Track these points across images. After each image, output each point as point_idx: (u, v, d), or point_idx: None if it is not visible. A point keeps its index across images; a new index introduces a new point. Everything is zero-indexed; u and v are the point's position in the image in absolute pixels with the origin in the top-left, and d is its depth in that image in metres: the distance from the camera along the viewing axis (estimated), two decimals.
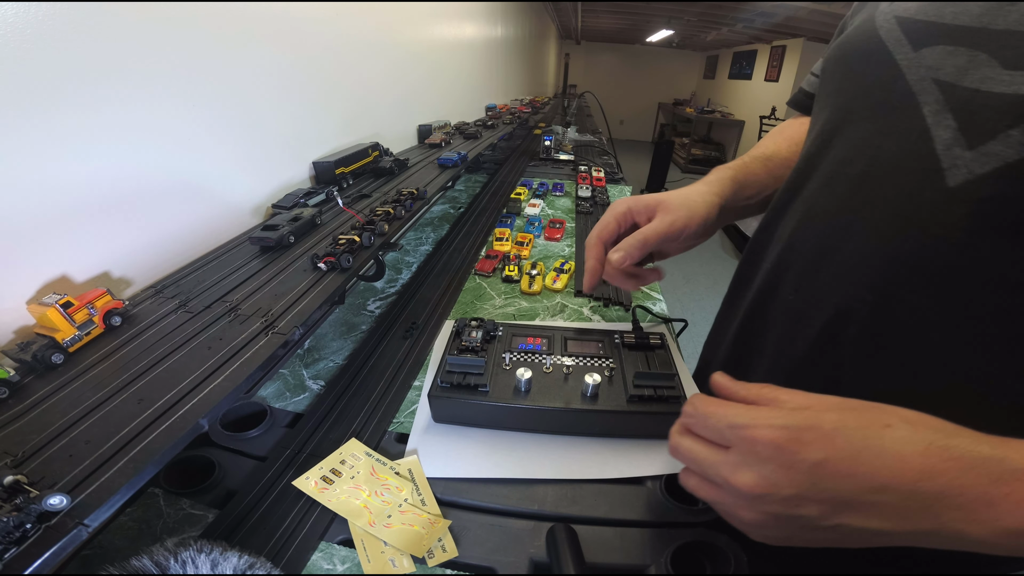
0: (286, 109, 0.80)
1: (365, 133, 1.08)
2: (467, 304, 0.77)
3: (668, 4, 4.33)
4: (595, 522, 0.41)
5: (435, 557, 0.38)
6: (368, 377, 0.58)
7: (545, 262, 0.92)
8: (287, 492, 0.43)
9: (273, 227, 0.64)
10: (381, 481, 0.44)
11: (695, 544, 0.39)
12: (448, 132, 1.49)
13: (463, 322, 0.56)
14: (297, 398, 0.56)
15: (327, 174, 0.87)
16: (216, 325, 0.47)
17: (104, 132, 0.50)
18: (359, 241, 0.63)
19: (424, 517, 0.41)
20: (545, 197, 1.35)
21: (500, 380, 0.49)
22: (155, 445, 0.33)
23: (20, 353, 0.40)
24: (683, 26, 5.47)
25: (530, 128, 2.46)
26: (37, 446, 0.33)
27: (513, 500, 0.43)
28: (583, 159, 1.84)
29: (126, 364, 0.41)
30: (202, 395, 0.38)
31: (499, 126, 1.82)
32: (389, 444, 0.49)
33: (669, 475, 0.45)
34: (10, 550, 0.26)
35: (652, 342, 0.54)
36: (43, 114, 0.44)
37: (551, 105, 4.15)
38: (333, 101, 0.95)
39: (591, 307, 0.77)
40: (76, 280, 0.49)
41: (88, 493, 0.29)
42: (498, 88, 2.78)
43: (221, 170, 0.68)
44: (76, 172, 0.47)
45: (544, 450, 0.48)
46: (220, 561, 0.31)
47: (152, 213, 0.57)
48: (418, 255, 0.97)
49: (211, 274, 0.57)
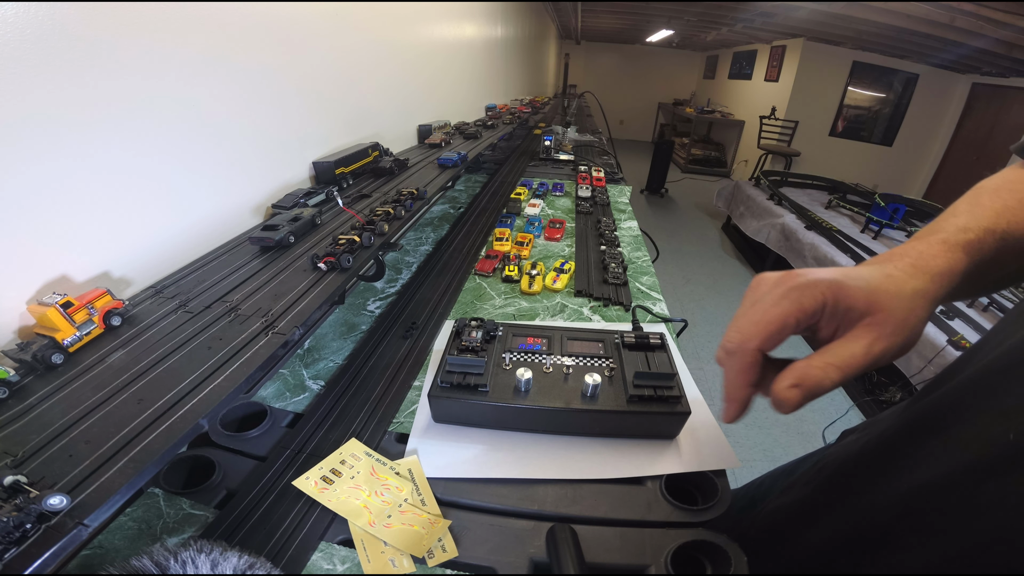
0: (286, 109, 0.80)
1: (365, 133, 1.08)
2: (467, 304, 0.77)
3: (668, 4, 4.33)
4: (595, 522, 0.41)
5: (435, 557, 0.38)
6: (368, 377, 0.58)
7: (545, 262, 0.92)
8: (287, 492, 0.43)
9: (273, 227, 0.64)
10: (381, 481, 0.44)
11: (695, 544, 0.39)
12: (448, 132, 1.49)
13: (463, 322, 0.56)
14: (297, 398, 0.56)
15: (327, 174, 0.87)
16: (216, 325, 0.47)
17: (105, 132, 0.50)
18: (359, 241, 0.63)
19: (424, 517, 0.41)
20: (545, 197, 1.35)
21: (500, 380, 0.49)
22: (155, 445, 0.33)
23: (20, 353, 0.40)
24: (683, 26, 5.47)
25: (530, 128, 2.46)
26: (37, 446, 0.33)
27: (513, 500, 0.43)
28: (583, 159, 1.84)
29: (126, 364, 0.41)
30: (202, 395, 0.38)
31: (499, 126, 1.82)
32: (389, 444, 0.49)
33: (669, 475, 0.45)
34: (10, 550, 0.26)
35: (652, 342, 0.54)
36: (44, 114, 0.44)
37: (551, 105, 4.15)
38: (333, 101, 0.95)
39: (591, 307, 0.77)
40: (76, 280, 0.49)
41: (88, 493, 0.29)
42: (498, 88, 2.78)
43: (221, 170, 0.68)
44: (76, 172, 0.47)
45: (544, 450, 0.48)
46: (220, 561, 0.31)
47: (152, 213, 0.57)
48: (418, 255, 0.97)
49: (211, 274, 0.57)
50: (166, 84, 0.56)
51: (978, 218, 0.34)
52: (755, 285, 0.32)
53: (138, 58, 0.52)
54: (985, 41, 3.10)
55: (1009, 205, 0.35)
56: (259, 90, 0.73)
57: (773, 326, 0.29)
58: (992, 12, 2.70)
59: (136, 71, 0.52)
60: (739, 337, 0.30)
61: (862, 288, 0.29)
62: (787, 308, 0.29)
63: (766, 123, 5.33)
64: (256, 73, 0.72)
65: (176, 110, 0.58)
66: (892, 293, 0.29)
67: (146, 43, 0.53)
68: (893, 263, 0.31)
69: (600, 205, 1.25)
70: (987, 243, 0.33)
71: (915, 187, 5.15)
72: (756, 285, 0.32)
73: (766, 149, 5.16)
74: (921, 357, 1.80)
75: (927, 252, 0.32)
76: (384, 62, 1.16)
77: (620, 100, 8.80)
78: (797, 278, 0.30)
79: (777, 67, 5.51)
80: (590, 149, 2.11)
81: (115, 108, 0.50)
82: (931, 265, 0.31)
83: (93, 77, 0.48)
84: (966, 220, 0.34)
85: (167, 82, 0.56)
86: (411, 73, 1.36)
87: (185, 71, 0.59)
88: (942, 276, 0.31)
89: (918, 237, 0.34)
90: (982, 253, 0.33)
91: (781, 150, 5.14)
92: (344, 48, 0.96)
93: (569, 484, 0.45)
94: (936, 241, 0.33)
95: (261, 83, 0.73)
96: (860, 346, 0.28)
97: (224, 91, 0.66)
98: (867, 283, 0.29)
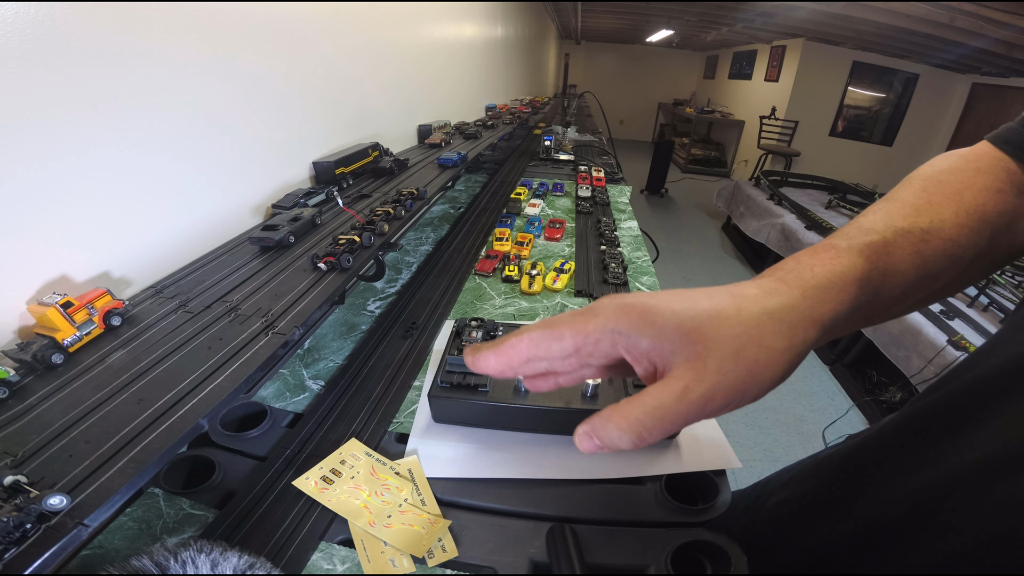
0: (286, 109, 0.80)
1: (365, 133, 1.08)
2: (467, 304, 0.77)
3: (668, 4, 4.33)
4: (595, 522, 0.41)
5: (435, 557, 0.38)
6: (368, 377, 0.58)
7: (545, 262, 0.92)
8: (287, 492, 0.43)
9: (273, 227, 0.64)
10: (381, 481, 0.44)
11: (695, 544, 0.39)
12: (448, 132, 1.49)
13: (463, 322, 0.56)
14: (297, 398, 0.56)
15: (327, 174, 0.87)
16: (216, 325, 0.47)
17: (105, 132, 0.50)
18: (359, 241, 0.63)
19: (424, 517, 0.41)
20: (545, 197, 1.35)
21: (500, 380, 0.49)
22: (155, 445, 0.33)
23: (20, 353, 0.40)
24: (683, 26, 5.47)
25: (530, 128, 2.46)
26: (37, 446, 0.33)
27: (513, 500, 0.43)
28: (583, 159, 1.84)
29: (126, 364, 0.41)
30: (202, 395, 0.38)
31: (499, 126, 1.82)
32: (389, 444, 0.49)
33: (669, 475, 0.45)
34: (10, 550, 0.26)
35: None
36: (44, 114, 0.44)
37: (551, 105, 4.15)
38: (333, 101, 0.95)
39: None
40: (76, 280, 0.49)
41: (88, 493, 0.29)
42: (498, 88, 2.78)
43: (221, 170, 0.68)
44: (76, 171, 0.47)
45: (544, 450, 0.48)
46: (220, 561, 0.31)
47: (152, 213, 0.57)
48: (418, 255, 0.97)
49: (211, 274, 0.57)
50: (166, 84, 0.56)
51: (891, 215, 0.29)
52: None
53: (138, 58, 0.52)
54: (985, 41, 3.10)
55: (935, 200, 0.29)
56: (259, 90, 0.73)
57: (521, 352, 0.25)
58: (992, 12, 2.70)
59: (136, 71, 0.52)
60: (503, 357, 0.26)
61: (675, 313, 0.23)
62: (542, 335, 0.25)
63: (766, 123, 5.33)
64: (256, 73, 0.72)
65: (176, 110, 0.58)
66: (721, 319, 0.22)
67: (146, 43, 0.53)
68: (757, 280, 0.25)
69: (600, 205, 1.25)
70: (899, 246, 0.27)
71: None
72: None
73: (766, 149, 5.16)
74: (921, 357, 1.80)
75: (807, 262, 0.25)
76: (384, 62, 1.16)
77: (620, 100, 8.80)
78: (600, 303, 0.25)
79: (777, 67, 5.51)
80: (590, 149, 2.11)
81: (115, 108, 0.50)
82: (806, 277, 0.24)
83: (93, 77, 0.47)
84: (874, 219, 0.29)
85: (167, 82, 0.56)
86: (411, 73, 1.36)
87: (185, 71, 0.59)
88: (821, 289, 0.24)
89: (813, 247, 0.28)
90: (891, 258, 0.26)
91: (781, 150, 5.14)
92: (344, 48, 0.96)
93: (569, 484, 0.45)
94: (824, 247, 0.26)
95: (261, 83, 0.73)
96: (672, 392, 0.21)
97: (224, 91, 0.66)
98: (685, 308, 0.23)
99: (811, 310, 0.23)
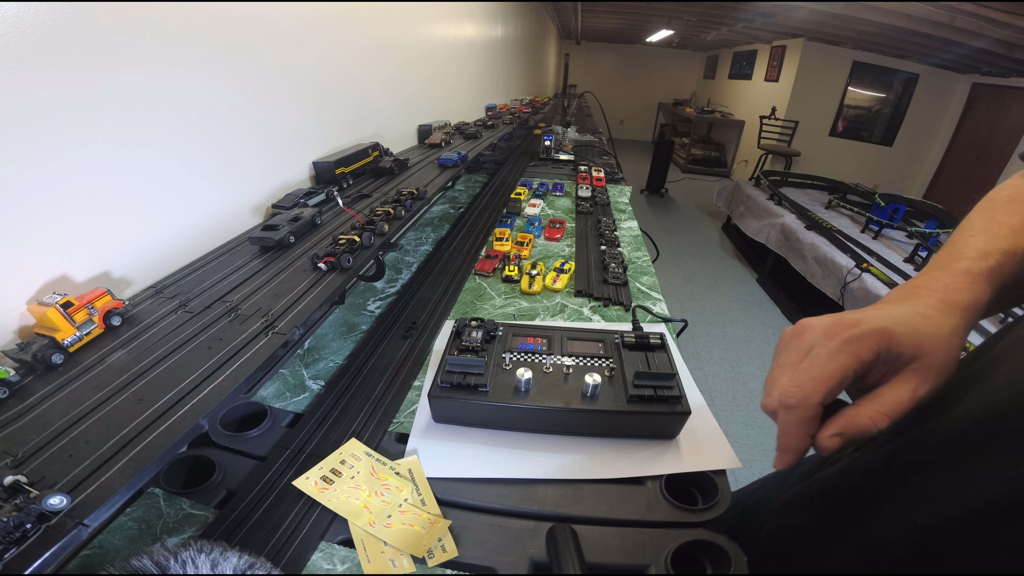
0: (286, 109, 0.80)
1: (365, 133, 1.08)
2: (467, 304, 0.77)
3: (668, 4, 4.33)
4: (595, 522, 0.41)
5: (435, 557, 0.38)
6: (368, 377, 0.58)
7: (545, 262, 0.92)
8: (287, 492, 0.43)
9: (273, 227, 0.64)
10: (381, 481, 0.44)
11: (695, 544, 0.39)
12: (448, 132, 1.49)
13: (463, 322, 0.56)
14: (297, 398, 0.56)
15: (327, 174, 0.87)
16: (216, 325, 0.47)
17: (105, 132, 0.50)
18: (359, 241, 0.63)
19: (424, 517, 0.41)
20: (545, 197, 1.35)
21: (500, 380, 0.49)
22: (155, 445, 0.33)
23: (20, 353, 0.40)
24: (683, 26, 5.47)
25: (530, 128, 2.46)
26: (37, 446, 0.33)
27: (513, 500, 0.43)
28: (583, 159, 1.84)
29: (126, 364, 0.41)
30: (202, 395, 0.38)
31: (499, 126, 1.82)
32: (389, 444, 0.49)
33: (669, 475, 0.45)
34: (10, 550, 0.26)
35: (652, 342, 0.54)
36: (44, 113, 0.44)
37: (551, 105, 4.15)
38: (333, 101, 0.95)
39: (591, 307, 0.77)
40: (76, 280, 0.49)
41: (88, 493, 0.29)
42: (498, 88, 2.78)
43: (221, 170, 0.68)
44: (76, 171, 0.47)
45: (544, 450, 0.48)
46: (220, 561, 0.31)
47: (152, 213, 0.57)
48: (418, 255, 0.97)
49: (211, 274, 0.57)
50: (166, 84, 0.56)
51: (996, 239, 0.34)
52: (799, 332, 0.32)
53: (138, 58, 0.52)
54: (985, 41, 3.10)
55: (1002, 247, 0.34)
56: (259, 90, 0.73)
57: (834, 381, 0.29)
58: (992, 12, 2.70)
59: (136, 71, 0.52)
60: (800, 393, 0.30)
61: (909, 335, 0.29)
62: (845, 362, 0.29)
63: (766, 123, 5.33)
64: (256, 73, 0.72)
65: (176, 110, 0.58)
66: (933, 336, 0.29)
67: (146, 43, 0.53)
68: (923, 300, 0.32)
69: (600, 205, 1.25)
70: (1007, 266, 0.33)
71: (915, 187, 5.15)
72: (800, 333, 0.32)
73: (766, 149, 5.16)
74: None
75: (952, 285, 0.32)
76: (384, 61, 1.16)
77: (620, 100, 8.80)
78: (850, 329, 0.30)
79: (777, 67, 5.51)
80: (590, 149, 2.11)
81: (115, 108, 0.50)
82: (958, 300, 0.31)
83: (93, 77, 0.48)
84: (984, 242, 0.34)
85: (167, 82, 0.56)
86: (411, 73, 1.36)
87: (185, 71, 0.59)
88: (968, 310, 0.31)
89: (940, 266, 0.34)
90: (1003, 278, 0.33)
91: (781, 150, 5.14)
92: (344, 47, 0.96)
93: (569, 484, 0.45)
94: (959, 272, 0.33)
95: (261, 83, 0.73)
96: (906, 391, 0.29)
97: (224, 91, 0.66)
98: (912, 329, 0.30)
99: (966, 327, 0.31)
